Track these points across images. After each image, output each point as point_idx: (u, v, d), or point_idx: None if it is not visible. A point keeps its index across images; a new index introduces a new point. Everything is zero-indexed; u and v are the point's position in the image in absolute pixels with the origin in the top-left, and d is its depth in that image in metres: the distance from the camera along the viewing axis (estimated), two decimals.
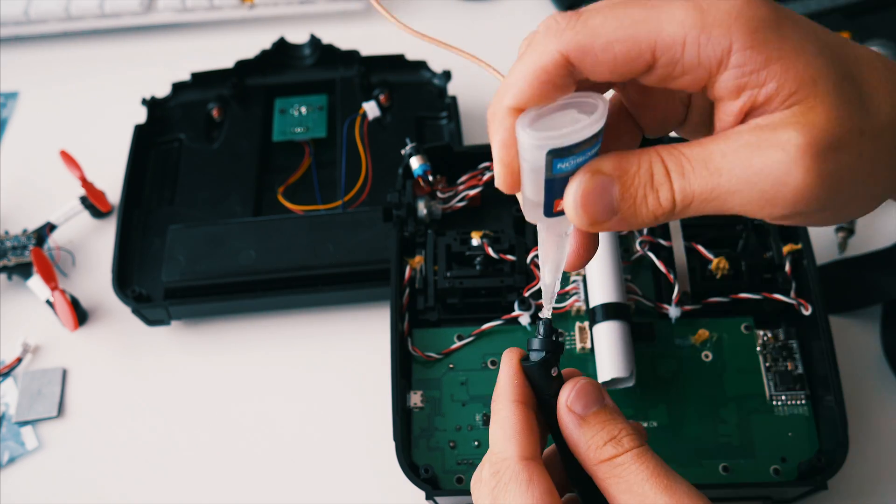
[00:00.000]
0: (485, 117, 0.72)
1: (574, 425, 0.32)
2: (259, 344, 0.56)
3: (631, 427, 0.32)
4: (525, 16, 0.74)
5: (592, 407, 0.32)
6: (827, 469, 0.42)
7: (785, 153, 0.26)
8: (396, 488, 0.48)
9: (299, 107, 0.65)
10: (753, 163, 0.26)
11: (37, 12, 0.73)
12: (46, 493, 0.51)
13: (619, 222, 0.28)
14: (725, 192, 0.26)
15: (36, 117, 0.71)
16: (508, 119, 0.28)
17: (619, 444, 0.31)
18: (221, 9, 0.73)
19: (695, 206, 0.27)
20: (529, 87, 0.27)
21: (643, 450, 0.31)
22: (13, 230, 0.62)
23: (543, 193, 0.28)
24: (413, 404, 0.47)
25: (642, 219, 0.28)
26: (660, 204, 0.27)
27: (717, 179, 0.26)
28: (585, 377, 0.34)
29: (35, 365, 0.57)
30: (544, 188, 0.28)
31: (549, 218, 0.29)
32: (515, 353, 0.35)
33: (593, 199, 0.28)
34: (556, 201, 0.28)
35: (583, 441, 0.32)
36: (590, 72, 0.27)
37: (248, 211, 0.60)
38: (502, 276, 0.50)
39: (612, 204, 0.28)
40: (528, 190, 0.29)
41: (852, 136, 0.26)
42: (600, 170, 0.27)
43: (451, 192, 0.53)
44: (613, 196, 0.28)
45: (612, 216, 0.28)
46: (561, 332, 0.34)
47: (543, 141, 0.27)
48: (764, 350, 0.48)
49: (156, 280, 0.56)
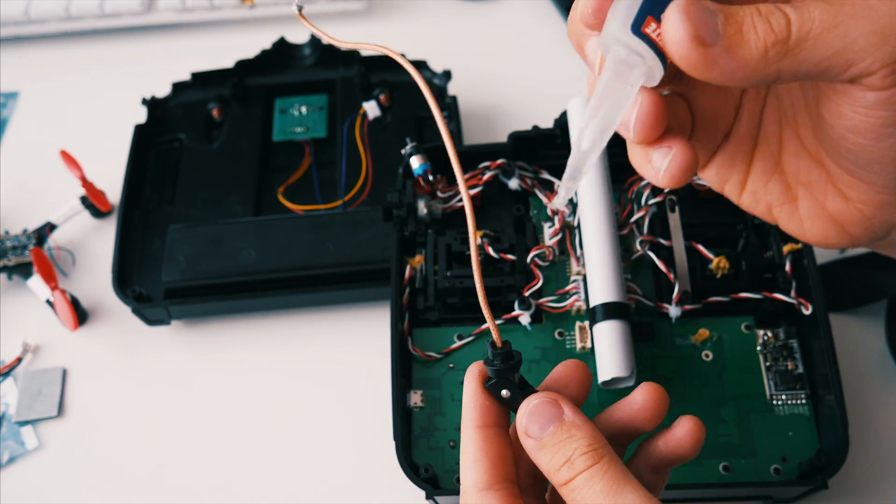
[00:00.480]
0: (484, 117, 0.72)
1: (534, 450, 0.32)
2: (259, 344, 0.56)
3: (586, 444, 0.31)
4: (525, 16, 0.74)
5: (548, 427, 0.31)
6: (827, 468, 0.42)
7: None
8: (396, 488, 0.48)
9: (299, 107, 0.65)
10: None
11: (37, 12, 0.73)
12: (46, 493, 0.51)
13: (724, 54, 0.25)
14: (850, 18, 0.24)
15: (36, 117, 0.71)
16: None
17: (571, 467, 0.30)
18: (221, 9, 0.73)
19: (813, 39, 0.24)
20: None
21: (594, 470, 0.30)
22: (13, 230, 0.62)
23: (641, 2, 0.25)
24: (413, 404, 0.47)
25: (752, 46, 0.25)
26: (772, 29, 0.25)
27: (838, 6, 0.24)
28: (540, 394, 0.32)
29: (35, 365, 0.57)
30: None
31: (626, 42, 0.26)
32: (477, 370, 0.34)
33: (698, 11, 0.25)
34: (649, 19, 0.25)
35: (543, 465, 0.31)
36: None
37: (248, 211, 0.60)
38: (502, 275, 0.50)
39: (717, 26, 0.25)
40: None
41: None
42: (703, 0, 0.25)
43: (451, 192, 0.53)
44: (718, 20, 0.25)
45: (716, 39, 0.25)
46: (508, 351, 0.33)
47: None
48: (764, 349, 0.48)
49: (156, 280, 0.56)
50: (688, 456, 0.34)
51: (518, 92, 0.68)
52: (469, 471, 0.32)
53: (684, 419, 0.34)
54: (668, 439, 0.34)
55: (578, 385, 0.35)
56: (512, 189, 0.54)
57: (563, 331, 0.49)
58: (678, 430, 0.34)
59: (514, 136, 0.54)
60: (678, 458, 0.34)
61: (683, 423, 0.34)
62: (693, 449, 0.33)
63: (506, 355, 0.33)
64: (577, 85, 0.68)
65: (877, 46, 0.24)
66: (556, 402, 0.32)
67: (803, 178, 0.32)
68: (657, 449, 0.34)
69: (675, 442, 0.34)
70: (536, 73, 0.70)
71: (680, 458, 0.34)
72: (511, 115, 0.67)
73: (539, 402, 0.32)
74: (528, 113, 0.63)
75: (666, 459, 0.34)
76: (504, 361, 0.32)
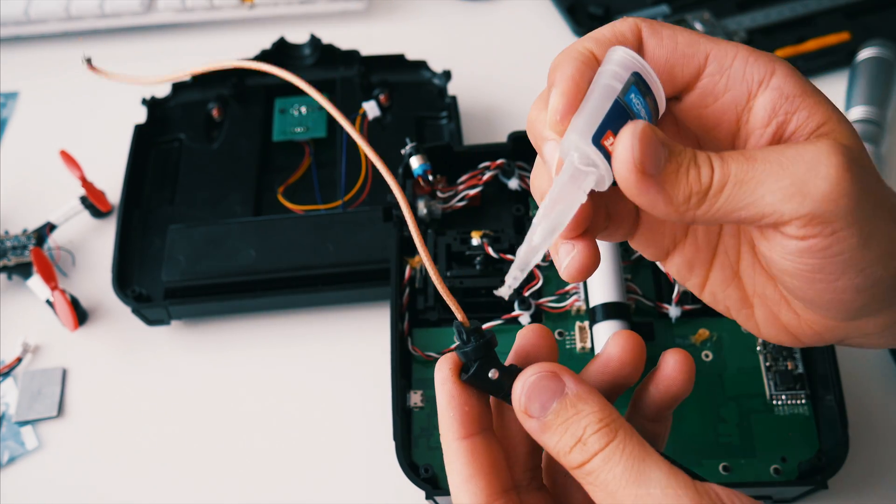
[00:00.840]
0: (484, 117, 0.72)
1: (537, 432, 0.29)
2: (259, 344, 0.56)
3: (596, 419, 0.28)
4: (525, 16, 0.74)
5: (551, 403, 0.28)
6: (827, 468, 0.42)
7: (817, 147, 0.27)
8: (396, 488, 0.48)
9: (299, 107, 0.65)
10: (787, 152, 0.27)
11: (37, 12, 0.73)
12: (46, 493, 0.51)
13: (657, 186, 0.27)
14: (759, 174, 0.27)
15: (36, 117, 0.71)
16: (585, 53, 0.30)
17: (584, 448, 0.28)
18: (221, 9, 0.73)
19: (728, 192, 0.27)
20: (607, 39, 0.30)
21: (612, 449, 0.27)
22: (13, 230, 0.62)
23: (603, 117, 0.28)
24: (413, 404, 0.47)
25: (680, 190, 0.27)
26: (699, 179, 0.27)
27: (752, 163, 0.27)
28: (535, 367, 0.29)
29: (35, 365, 0.57)
30: (608, 111, 0.28)
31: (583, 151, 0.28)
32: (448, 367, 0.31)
33: (648, 143, 0.27)
34: (608, 133, 0.28)
35: (550, 448, 0.29)
36: (652, 53, 0.30)
37: (248, 211, 0.60)
38: (502, 275, 0.50)
39: (660, 160, 0.27)
40: (588, 110, 0.28)
41: (870, 169, 0.28)
42: (655, 130, 0.27)
43: (451, 192, 0.53)
44: (662, 155, 0.27)
45: (656, 171, 0.27)
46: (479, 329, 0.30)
47: (636, 61, 0.28)
48: (764, 349, 0.48)
49: (156, 280, 0.56)
50: (683, 392, 0.32)
51: (518, 92, 0.68)
52: (462, 493, 0.30)
53: (668, 354, 0.32)
54: (657, 381, 0.32)
55: (547, 353, 0.32)
56: (512, 189, 0.54)
57: (563, 331, 0.49)
58: (665, 368, 0.32)
59: (514, 136, 0.54)
60: (674, 398, 0.32)
61: (668, 359, 0.32)
62: (686, 382, 0.32)
63: (477, 332, 0.30)
64: None
65: (783, 202, 0.26)
66: (555, 374, 0.29)
67: (759, 290, 0.33)
68: (650, 395, 0.32)
69: (666, 381, 0.32)
70: (537, 73, 0.69)
71: (675, 396, 0.32)
72: (511, 115, 0.67)
73: (536, 376, 0.29)
74: (528, 113, 0.63)
75: (662, 403, 0.32)
76: (479, 338, 0.30)
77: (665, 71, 0.30)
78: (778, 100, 0.29)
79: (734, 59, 0.29)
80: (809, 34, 0.68)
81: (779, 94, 0.29)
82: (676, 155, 0.27)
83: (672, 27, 0.30)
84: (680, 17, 0.69)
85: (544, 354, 0.32)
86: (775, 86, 0.29)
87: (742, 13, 0.70)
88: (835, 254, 0.27)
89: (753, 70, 0.29)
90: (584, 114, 0.28)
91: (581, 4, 0.72)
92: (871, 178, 0.28)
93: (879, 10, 0.70)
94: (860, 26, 0.68)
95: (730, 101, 0.30)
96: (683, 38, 0.30)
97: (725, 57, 0.29)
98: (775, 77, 0.29)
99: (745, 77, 0.29)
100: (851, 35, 0.68)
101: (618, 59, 0.29)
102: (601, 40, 0.30)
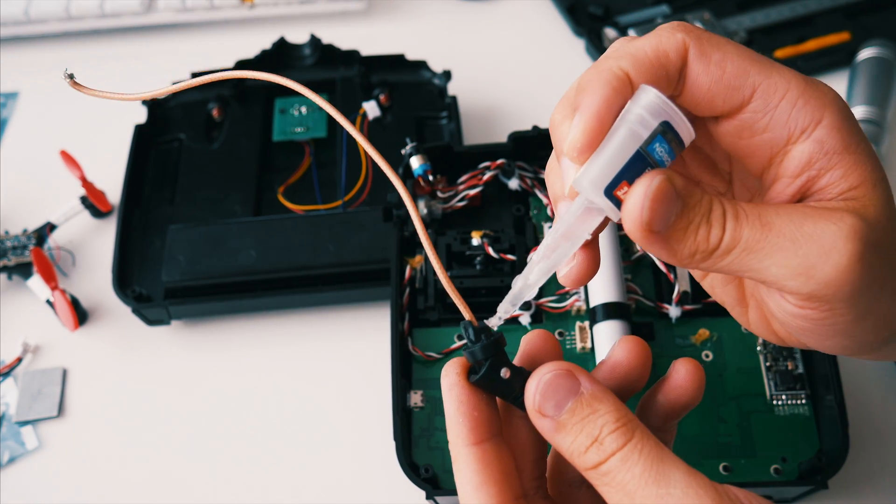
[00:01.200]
0: (484, 117, 0.72)
1: (551, 432, 0.28)
2: (259, 344, 0.56)
3: (613, 418, 0.27)
4: (525, 16, 0.74)
5: (566, 402, 0.28)
6: (827, 469, 0.42)
7: (837, 228, 0.26)
8: (396, 488, 0.48)
9: (299, 107, 0.65)
10: (805, 227, 0.26)
11: (37, 12, 0.73)
12: (46, 493, 0.51)
13: (663, 241, 0.27)
14: (770, 247, 0.27)
15: (36, 117, 0.71)
16: (619, 76, 0.27)
17: (601, 448, 0.27)
18: (221, 9, 0.73)
19: (734, 256, 0.27)
20: (648, 60, 0.28)
21: (629, 449, 0.27)
22: (13, 230, 0.62)
23: (621, 167, 0.27)
24: (413, 404, 0.47)
25: (685, 247, 0.27)
26: (707, 239, 0.27)
27: (765, 232, 0.27)
28: (549, 365, 0.29)
29: (35, 365, 0.57)
30: (627, 161, 0.26)
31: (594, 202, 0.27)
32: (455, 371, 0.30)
33: (661, 200, 0.26)
34: (623, 184, 0.27)
35: (564, 448, 0.28)
36: (695, 78, 0.28)
37: (248, 211, 0.60)
38: (502, 275, 0.50)
39: (670, 218, 0.27)
40: (607, 157, 0.27)
41: (886, 246, 0.27)
42: (673, 180, 0.27)
43: (451, 192, 0.53)
44: (674, 210, 0.27)
45: (664, 228, 0.27)
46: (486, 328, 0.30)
47: (668, 108, 0.26)
48: (764, 350, 0.48)
49: (156, 280, 0.56)
50: (692, 403, 0.31)
51: (518, 92, 0.68)
52: (472, 500, 0.29)
53: (679, 363, 0.31)
54: (667, 390, 0.31)
55: (553, 358, 0.31)
56: (512, 189, 0.54)
57: (563, 331, 0.49)
58: (675, 377, 0.31)
59: (514, 136, 0.54)
60: (682, 408, 0.31)
61: (679, 369, 0.31)
62: (696, 393, 0.31)
63: (486, 330, 0.29)
64: None
65: (787, 279, 0.27)
66: (570, 372, 0.28)
67: (756, 294, 0.34)
68: (658, 403, 0.31)
69: (676, 391, 0.31)
70: (536, 73, 0.70)
71: (684, 407, 0.31)
72: (511, 115, 0.67)
73: (552, 374, 0.28)
74: (528, 113, 0.63)
75: (670, 412, 0.31)
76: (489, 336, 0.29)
77: (705, 100, 0.28)
78: (816, 153, 0.28)
79: (782, 99, 0.28)
80: (809, 34, 0.68)
81: (818, 148, 0.28)
82: (689, 209, 0.27)
83: (724, 48, 0.28)
84: (680, 17, 0.69)
85: (550, 359, 0.31)
86: (817, 137, 0.28)
87: (742, 13, 0.70)
88: (828, 325, 0.28)
89: (799, 116, 0.28)
90: (602, 161, 0.27)
91: (581, 4, 0.72)
92: (884, 259, 0.27)
93: (879, 10, 0.70)
94: (860, 26, 0.69)
95: (767, 141, 0.28)
96: (733, 67, 0.28)
97: (773, 95, 0.28)
98: (820, 127, 0.27)
99: (788, 122, 0.28)
100: (851, 35, 0.68)
101: (648, 103, 0.27)
102: (641, 62, 0.28)
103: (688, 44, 0.28)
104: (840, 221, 0.26)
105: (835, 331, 0.28)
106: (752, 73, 0.28)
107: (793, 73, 0.28)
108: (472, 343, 0.29)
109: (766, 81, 0.28)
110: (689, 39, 0.28)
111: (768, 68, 0.28)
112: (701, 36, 0.28)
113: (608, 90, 0.27)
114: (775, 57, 0.67)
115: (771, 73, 0.28)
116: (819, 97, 0.28)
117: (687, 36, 0.28)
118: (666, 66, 0.28)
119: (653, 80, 0.28)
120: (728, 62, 0.28)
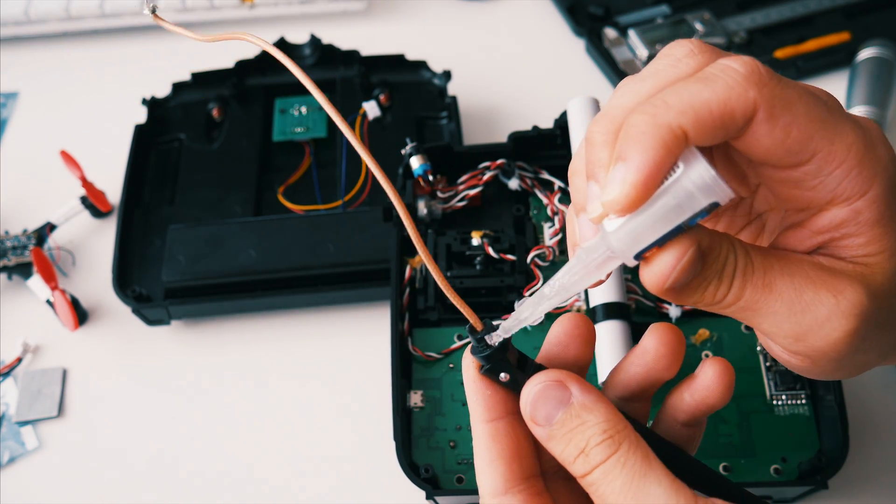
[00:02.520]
0: (484, 117, 0.72)
1: (544, 439, 0.28)
2: (259, 344, 0.56)
3: (600, 430, 0.27)
4: (525, 16, 0.74)
5: (556, 413, 0.28)
6: (827, 469, 0.42)
7: (836, 302, 0.27)
8: (396, 488, 0.48)
9: (299, 107, 0.65)
10: (805, 294, 0.27)
11: (37, 12, 0.72)
12: (46, 493, 0.51)
13: (674, 294, 0.28)
14: (766, 309, 0.27)
15: (36, 117, 0.71)
16: (677, 135, 0.25)
17: (586, 459, 0.27)
18: (221, 9, 0.73)
19: (733, 309, 0.28)
20: (712, 120, 0.25)
21: (612, 462, 0.27)
22: (13, 230, 0.62)
23: (659, 237, 0.26)
24: (413, 404, 0.47)
25: (692, 299, 0.28)
26: (714, 295, 0.28)
27: (766, 295, 0.27)
28: (540, 375, 0.29)
29: (35, 365, 0.57)
30: (666, 232, 0.26)
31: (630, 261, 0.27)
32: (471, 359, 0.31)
33: (687, 270, 0.27)
34: (655, 249, 0.26)
35: (557, 456, 0.28)
36: (756, 137, 0.26)
37: (248, 211, 0.60)
38: (502, 275, 0.50)
39: (689, 279, 0.27)
40: (646, 224, 0.26)
41: (883, 317, 0.28)
42: (700, 244, 0.27)
43: (451, 192, 0.53)
44: (694, 271, 0.27)
45: (681, 286, 0.27)
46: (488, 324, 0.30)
47: (719, 188, 0.25)
48: (764, 350, 0.48)
49: (156, 280, 0.56)
50: (719, 403, 0.31)
51: (518, 92, 0.68)
52: (484, 476, 0.29)
53: (708, 362, 0.30)
54: (694, 389, 0.31)
55: (581, 344, 0.31)
56: (512, 189, 0.54)
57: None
58: (703, 377, 0.30)
59: (514, 136, 0.54)
60: (709, 408, 0.31)
61: (708, 369, 0.30)
62: (724, 395, 0.30)
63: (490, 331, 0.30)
64: (578, 85, 0.68)
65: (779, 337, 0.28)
66: (560, 382, 0.28)
67: None
68: (684, 401, 0.31)
69: (703, 391, 0.30)
70: (536, 73, 0.70)
71: (710, 407, 0.31)
72: (511, 115, 0.67)
73: (541, 385, 0.28)
74: (528, 113, 0.63)
75: (696, 411, 0.31)
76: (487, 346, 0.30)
77: (759, 154, 0.27)
78: (848, 221, 0.27)
79: (838, 167, 0.26)
80: (809, 34, 0.68)
81: (853, 217, 0.27)
82: (707, 268, 0.27)
83: (794, 108, 0.26)
84: (680, 17, 0.69)
85: (577, 343, 0.31)
86: (857, 207, 0.27)
87: (742, 13, 0.70)
88: (815, 371, 0.30)
89: (848, 185, 0.27)
90: (640, 228, 0.26)
91: (581, 4, 0.72)
92: (875, 329, 0.28)
93: (879, 10, 0.70)
94: (860, 26, 0.68)
95: (807, 198, 0.28)
96: (798, 132, 0.26)
97: (831, 164, 0.26)
98: (861, 200, 0.27)
99: (836, 189, 0.27)
100: (851, 35, 0.68)
101: (701, 182, 0.25)
102: (704, 122, 0.25)
103: (759, 105, 0.25)
104: (840, 295, 0.27)
105: (819, 372, 0.30)
106: (816, 139, 0.26)
107: (855, 137, 0.26)
108: (477, 345, 0.30)
109: (827, 148, 0.26)
110: (762, 100, 0.25)
111: (832, 132, 0.26)
112: (774, 94, 0.26)
113: (662, 151, 0.25)
114: (775, 57, 0.67)
115: (834, 139, 0.26)
116: (873, 166, 0.27)
117: (759, 94, 0.25)
118: (728, 128, 0.26)
119: (711, 142, 0.26)
120: (794, 127, 0.26)
